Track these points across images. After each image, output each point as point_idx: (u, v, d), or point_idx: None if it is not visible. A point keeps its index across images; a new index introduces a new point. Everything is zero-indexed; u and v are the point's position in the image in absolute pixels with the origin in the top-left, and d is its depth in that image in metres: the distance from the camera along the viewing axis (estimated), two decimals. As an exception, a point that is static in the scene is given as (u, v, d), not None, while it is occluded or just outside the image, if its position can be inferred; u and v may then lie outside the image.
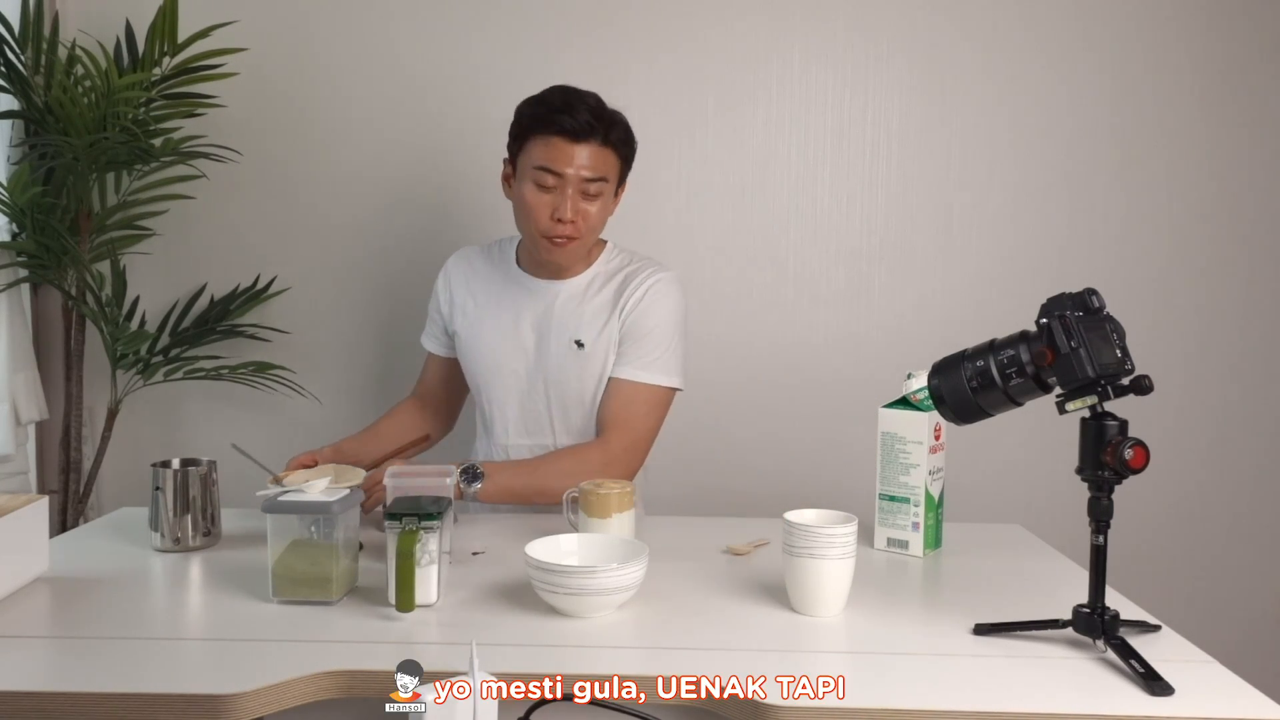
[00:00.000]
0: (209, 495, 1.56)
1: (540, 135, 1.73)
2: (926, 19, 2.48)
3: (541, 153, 1.72)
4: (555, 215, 1.72)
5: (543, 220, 1.74)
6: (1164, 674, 1.08)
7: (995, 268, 2.52)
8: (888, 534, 1.58)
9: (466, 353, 1.90)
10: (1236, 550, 2.59)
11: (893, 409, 1.57)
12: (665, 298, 1.83)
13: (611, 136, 1.74)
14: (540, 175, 1.72)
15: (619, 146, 1.77)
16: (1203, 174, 2.52)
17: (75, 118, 2.13)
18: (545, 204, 1.73)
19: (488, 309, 1.88)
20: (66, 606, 1.32)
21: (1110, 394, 1.14)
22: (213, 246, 2.50)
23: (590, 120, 1.71)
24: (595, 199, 1.75)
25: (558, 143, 1.71)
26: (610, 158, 1.75)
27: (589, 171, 1.72)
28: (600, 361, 1.82)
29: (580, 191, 1.73)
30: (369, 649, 1.17)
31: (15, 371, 2.29)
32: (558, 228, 1.73)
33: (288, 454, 1.81)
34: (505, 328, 1.86)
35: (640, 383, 1.80)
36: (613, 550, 1.35)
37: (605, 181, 1.75)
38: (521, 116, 1.78)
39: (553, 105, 1.73)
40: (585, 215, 1.74)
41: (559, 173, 1.71)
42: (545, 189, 1.72)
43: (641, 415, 1.80)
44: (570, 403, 1.84)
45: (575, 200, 1.73)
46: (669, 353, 1.82)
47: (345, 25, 2.47)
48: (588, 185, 1.73)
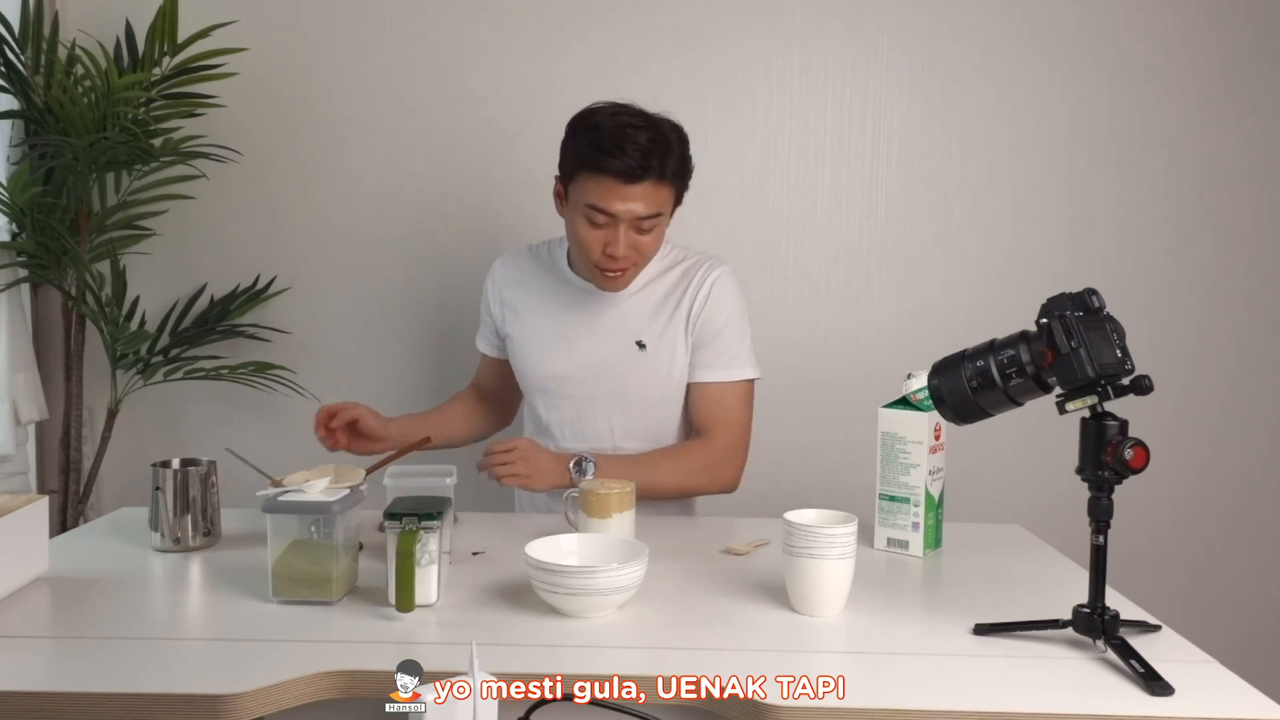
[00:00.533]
0: (209, 495, 1.56)
1: (590, 173, 1.68)
2: (926, 19, 2.48)
3: (592, 191, 1.68)
4: (608, 251, 1.71)
5: (595, 253, 1.72)
6: (1164, 674, 1.08)
7: (995, 268, 2.52)
8: (888, 534, 1.58)
9: (520, 357, 1.90)
10: (1236, 550, 2.59)
11: (893, 409, 1.57)
12: (729, 293, 1.83)
13: (666, 171, 1.68)
14: (591, 213, 1.69)
15: (673, 179, 1.71)
16: (1202, 174, 2.52)
17: (75, 118, 2.13)
18: (597, 239, 1.71)
19: (541, 312, 1.87)
20: (66, 606, 1.32)
21: (1110, 394, 1.14)
22: (213, 246, 2.50)
23: (642, 162, 1.65)
24: (649, 232, 1.72)
25: (608, 182, 1.66)
26: (664, 192, 1.70)
27: (642, 209, 1.68)
28: (665, 361, 1.82)
29: (634, 228, 1.70)
30: (369, 649, 1.17)
31: (15, 371, 2.29)
32: (610, 262, 1.72)
33: (287, 455, 1.81)
34: (561, 331, 1.85)
35: (727, 382, 1.82)
36: (613, 550, 1.35)
37: (659, 215, 1.71)
38: (571, 149, 1.73)
39: (603, 145, 1.66)
40: (639, 247, 1.72)
41: (610, 212, 1.68)
42: (597, 226, 1.70)
43: (736, 411, 1.83)
44: (630, 404, 1.84)
45: (628, 235, 1.70)
46: (742, 345, 1.84)
47: (345, 25, 2.47)
48: (640, 222, 1.69)
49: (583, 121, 1.73)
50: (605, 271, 1.74)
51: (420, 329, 2.54)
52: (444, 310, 2.53)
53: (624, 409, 1.84)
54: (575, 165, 1.71)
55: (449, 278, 2.52)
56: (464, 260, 2.51)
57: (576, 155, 1.71)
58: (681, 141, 1.73)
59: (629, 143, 1.64)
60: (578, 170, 1.70)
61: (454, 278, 2.52)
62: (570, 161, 1.73)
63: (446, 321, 2.53)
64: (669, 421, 1.87)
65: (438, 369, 2.53)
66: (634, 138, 1.65)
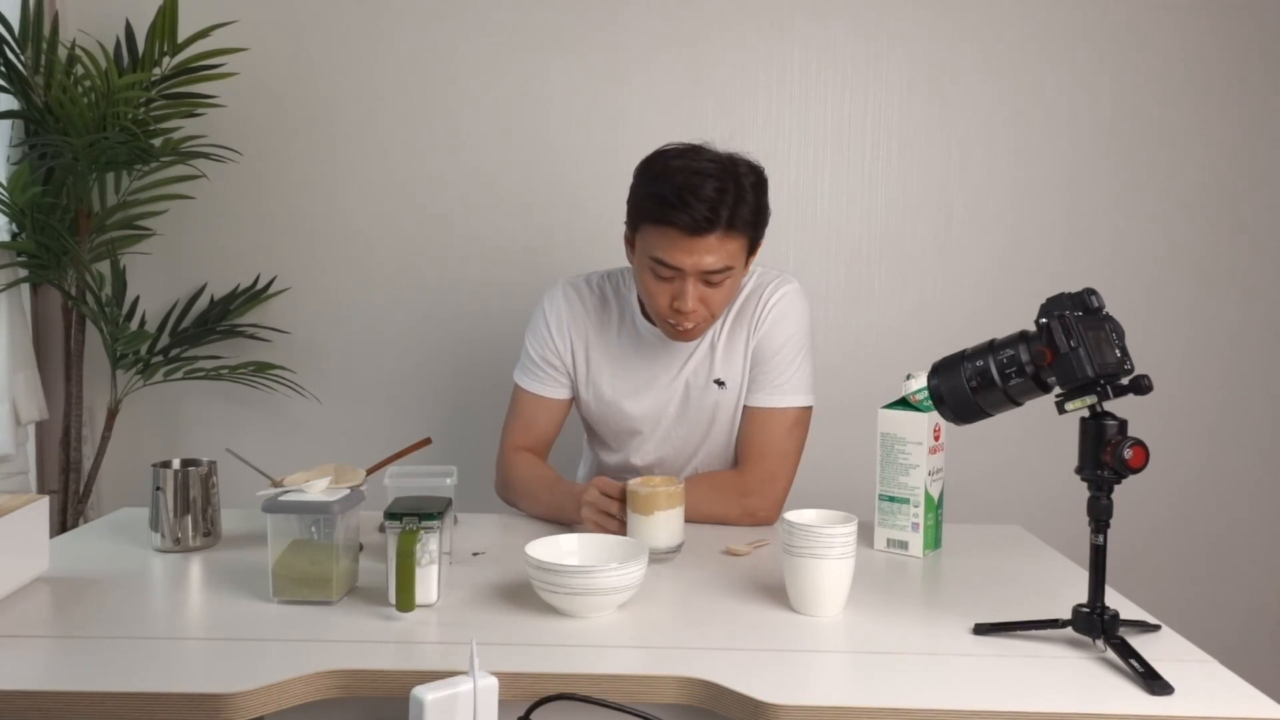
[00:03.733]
0: (209, 495, 1.56)
1: (655, 225, 1.59)
2: (927, 19, 2.48)
3: (657, 243, 1.59)
4: (675, 306, 1.62)
5: (663, 307, 1.64)
6: (1164, 674, 1.08)
7: (995, 268, 2.52)
8: (888, 534, 1.58)
9: (597, 403, 1.82)
10: (1236, 550, 2.59)
11: (893, 409, 1.57)
12: (789, 314, 1.76)
13: (737, 221, 1.58)
14: (657, 267, 1.60)
15: (745, 228, 1.60)
16: (1202, 173, 2.52)
17: (75, 118, 2.14)
18: (665, 292, 1.63)
19: (617, 359, 1.80)
20: (66, 606, 1.32)
21: (1110, 394, 1.14)
22: (213, 246, 2.50)
23: (709, 215, 1.54)
24: (719, 285, 1.62)
25: (675, 236, 1.57)
26: (735, 243, 1.60)
27: (711, 262, 1.58)
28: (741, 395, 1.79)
29: (703, 281, 1.60)
30: (369, 649, 1.17)
31: (15, 371, 2.29)
32: (679, 317, 1.64)
33: (287, 455, 1.81)
34: (639, 378, 1.79)
35: (773, 408, 1.75)
36: (613, 550, 1.35)
37: (730, 269, 1.61)
38: (636, 198, 1.64)
39: (666, 197, 1.56)
40: (709, 301, 1.63)
41: (676, 266, 1.59)
42: (664, 279, 1.61)
43: (778, 442, 1.75)
44: (715, 440, 1.82)
45: (697, 288, 1.61)
46: (798, 371, 1.76)
47: (345, 25, 2.47)
48: (710, 276, 1.60)
49: (649, 168, 1.64)
50: (676, 328, 1.66)
51: (420, 329, 2.54)
52: (444, 310, 2.53)
53: (709, 445, 1.82)
54: (639, 216, 1.63)
55: (448, 277, 2.52)
56: (464, 259, 2.51)
57: (640, 206, 1.63)
58: (756, 187, 1.61)
59: (695, 194, 1.54)
60: (641, 221, 1.63)
61: (454, 277, 2.52)
62: (635, 211, 1.65)
63: (446, 321, 2.53)
64: None
65: (438, 368, 2.53)
66: (701, 188, 1.55)
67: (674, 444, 1.85)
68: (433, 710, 0.93)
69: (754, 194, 1.61)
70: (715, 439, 1.84)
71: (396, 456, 1.68)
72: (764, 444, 1.75)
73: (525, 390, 1.84)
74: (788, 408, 1.77)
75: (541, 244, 2.51)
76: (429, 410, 2.52)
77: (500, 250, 2.51)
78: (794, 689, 1.07)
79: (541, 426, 1.85)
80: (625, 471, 1.85)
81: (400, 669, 1.10)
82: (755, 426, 1.77)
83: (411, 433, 1.76)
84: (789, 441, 1.77)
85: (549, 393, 1.83)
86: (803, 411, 1.79)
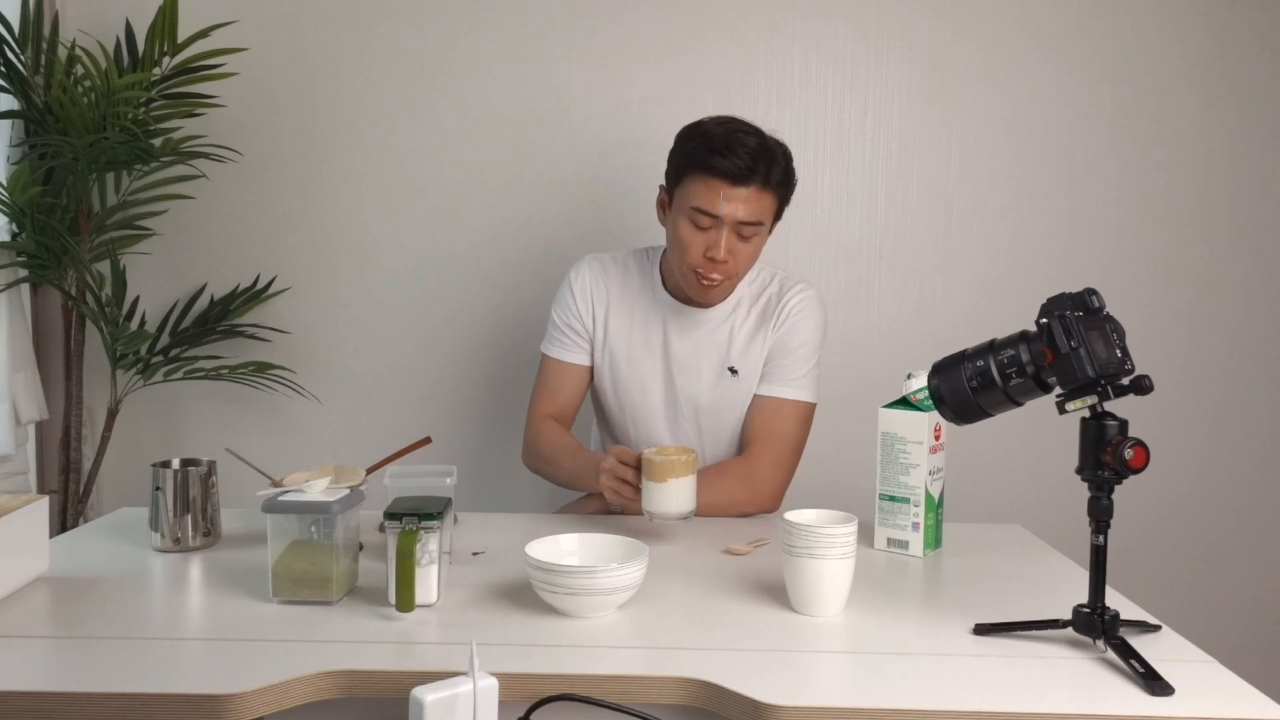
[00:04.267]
0: (209, 495, 1.56)
1: (698, 174, 1.71)
2: (927, 19, 2.48)
3: (699, 192, 1.71)
4: (709, 254, 1.72)
5: (696, 256, 1.74)
6: (1164, 674, 1.08)
7: (995, 268, 2.52)
8: (888, 534, 1.58)
9: (611, 372, 1.89)
10: (1236, 550, 2.59)
11: (893, 409, 1.57)
12: (811, 315, 1.86)
13: (771, 178, 1.71)
14: (696, 215, 1.71)
15: (778, 188, 1.74)
16: (1202, 174, 2.52)
17: (75, 118, 2.14)
18: (700, 242, 1.73)
19: (635, 329, 1.88)
20: (66, 606, 1.32)
21: (1110, 394, 1.14)
22: (213, 246, 2.50)
23: (750, 165, 1.68)
24: (749, 240, 1.74)
25: (715, 184, 1.69)
26: (768, 200, 1.73)
27: (745, 215, 1.70)
28: (753, 386, 1.85)
29: (735, 233, 1.72)
30: (369, 649, 1.17)
31: (15, 371, 2.29)
32: (710, 265, 1.73)
33: (287, 455, 1.81)
34: (654, 351, 1.87)
35: (786, 399, 1.83)
36: (613, 550, 1.35)
37: (761, 224, 1.73)
38: (681, 151, 1.76)
39: (713, 145, 1.70)
40: (737, 255, 1.74)
41: (714, 214, 1.70)
42: (700, 229, 1.72)
43: (790, 431, 1.83)
44: (723, 428, 1.87)
45: (730, 240, 1.72)
46: (811, 369, 1.86)
47: (345, 25, 2.47)
48: (742, 228, 1.72)
49: (693, 129, 1.77)
50: (702, 279, 1.75)
51: (420, 329, 2.54)
52: (444, 309, 2.53)
53: (716, 433, 1.87)
54: (683, 167, 1.74)
55: (449, 277, 2.52)
56: (464, 259, 2.51)
57: (685, 157, 1.74)
58: (787, 157, 1.75)
59: (739, 145, 1.68)
60: (686, 172, 1.73)
61: (454, 277, 2.52)
62: (678, 164, 1.76)
63: (446, 321, 2.53)
64: None
65: (438, 368, 2.53)
66: (744, 141, 1.69)
67: (685, 426, 1.88)
68: (433, 711, 0.93)
69: (785, 161, 1.75)
70: (724, 430, 1.87)
71: (396, 456, 1.68)
72: (774, 430, 1.82)
73: (550, 357, 1.93)
74: (800, 400, 1.84)
75: (542, 244, 2.51)
76: (429, 410, 2.52)
77: (500, 250, 2.51)
78: (794, 689, 1.07)
79: (566, 393, 1.92)
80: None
81: (400, 669, 1.10)
82: (767, 414, 1.83)
83: (411, 433, 1.76)
84: (797, 432, 1.84)
85: (572, 358, 1.91)
86: (810, 408, 1.87)
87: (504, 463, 2.53)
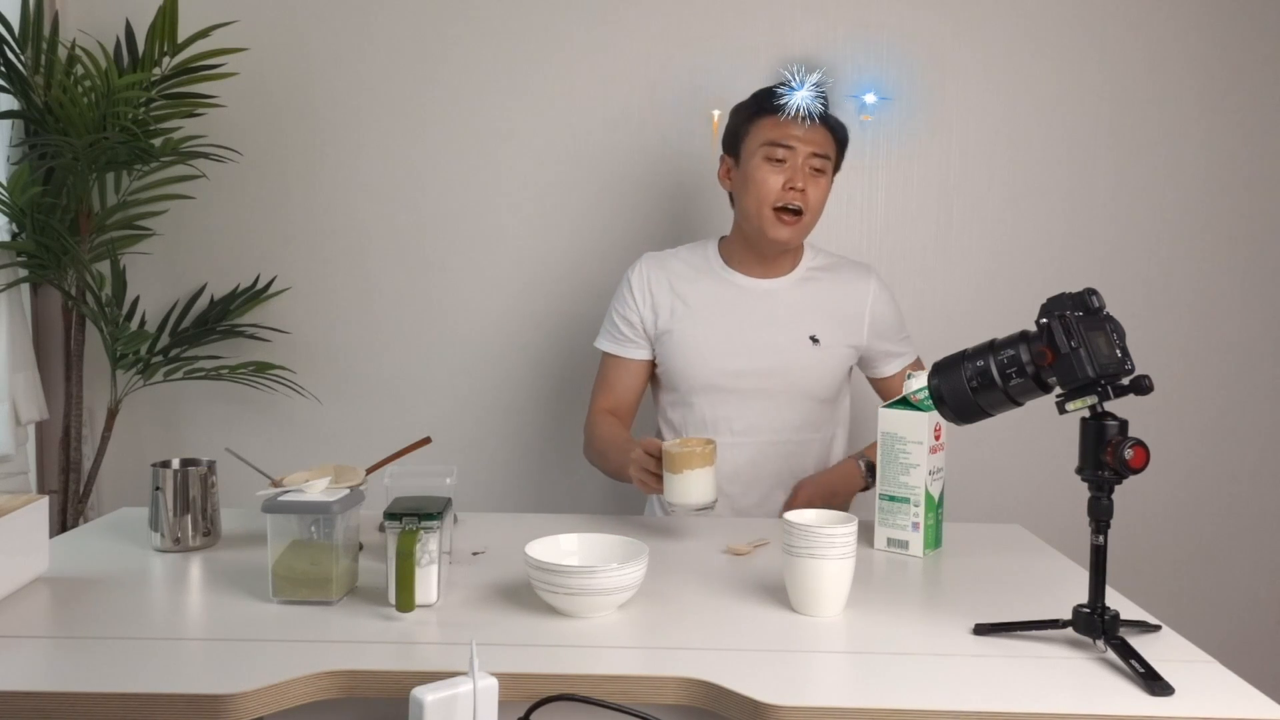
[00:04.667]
0: (209, 495, 1.56)
1: (767, 116, 1.84)
2: (927, 19, 2.48)
3: (769, 128, 1.83)
4: (789, 184, 1.81)
5: (774, 191, 1.82)
6: (1164, 674, 1.08)
7: (995, 268, 2.52)
8: (888, 534, 1.58)
9: (686, 354, 1.90)
10: (1236, 550, 2.58)
11: (893, 409, 1.57)
12: (886, 289, 1.99)
13: (831, 121, 1.87)
14: (771, 149, 1.82)
15: (837, 130, 1.88)
16: (1202, 174, 2.52)
17: (75, 118, 2.14)
18: (778, 174, 1.82)
19: (703, 310, 1.91)
20: (66, 606, 1.32)
21: (1110, 394, 1.14)
22: (213, 246, 2.50)
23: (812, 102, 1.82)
24: (820, 177, 1.85)
25: (785, 122, 1.82)
26: (831, 141, 1.86)
27: (816, 148, 1.82)
28: (837, 358, 1.90)
29: (809, 166, 1.82)
30: (369, 649, 1.17)
31: (15, 371, 2.29)
32: (790, 195, 1.81)
33: (287, 455, 1.81)
34: (731, 326, 1.89)
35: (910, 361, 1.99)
36: (613, 550, 1.35)
37: (828, 160, 1.85)
38: (741, 109, 1.90)
39: (775, 90, 1.85)
40: (813, 188, 1.83)
41: (790, 145, 1.82)
42: (776, 161, 1.82)
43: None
44: (800, 398, 1.89)
45: (805, 172, 1.82)
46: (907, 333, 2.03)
47: (345, 25, 2.47)
48: (814, 160, 1.83)
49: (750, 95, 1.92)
50: (783, 215, 1.82)
51: (420, 328, 2.53)
52: (444, 309, 2.53)
53: (793, 403, 1.89)
54: (749, 115, 1.87)
55: (449, 277, 2.52)
56: (464, 259, 2.51)
57: (749, 106, 1.89)
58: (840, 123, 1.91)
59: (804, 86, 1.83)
60: (752, 119, 1.86)
61: (454, 277, 2.52)
62: (741, 117, 1.89)
63: (446, 321, 2.53)
64: (829, 415, 1.94)
65: (437, 368, 2.53)
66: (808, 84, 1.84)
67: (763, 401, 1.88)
68: (433, 711, 0.93)
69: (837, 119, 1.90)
70: (802, 402, 1.89)
71: (396, 456, 1.68)
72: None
73: (605, 353, 1.99)
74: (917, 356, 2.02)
75: (542, 244, 2.51)
76: (429, 410, 2.51)
77: (500, 250, 2.51)
78: (794, 689, 1.07)
79: (621, 388, 1.97)
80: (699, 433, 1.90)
81: (400, 669, 1.10)
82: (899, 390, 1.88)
83: (411, 433, 1.76)
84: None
85: (626, 353, 1.96)
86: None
87: (504, 463, 2.53)
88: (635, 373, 1.97)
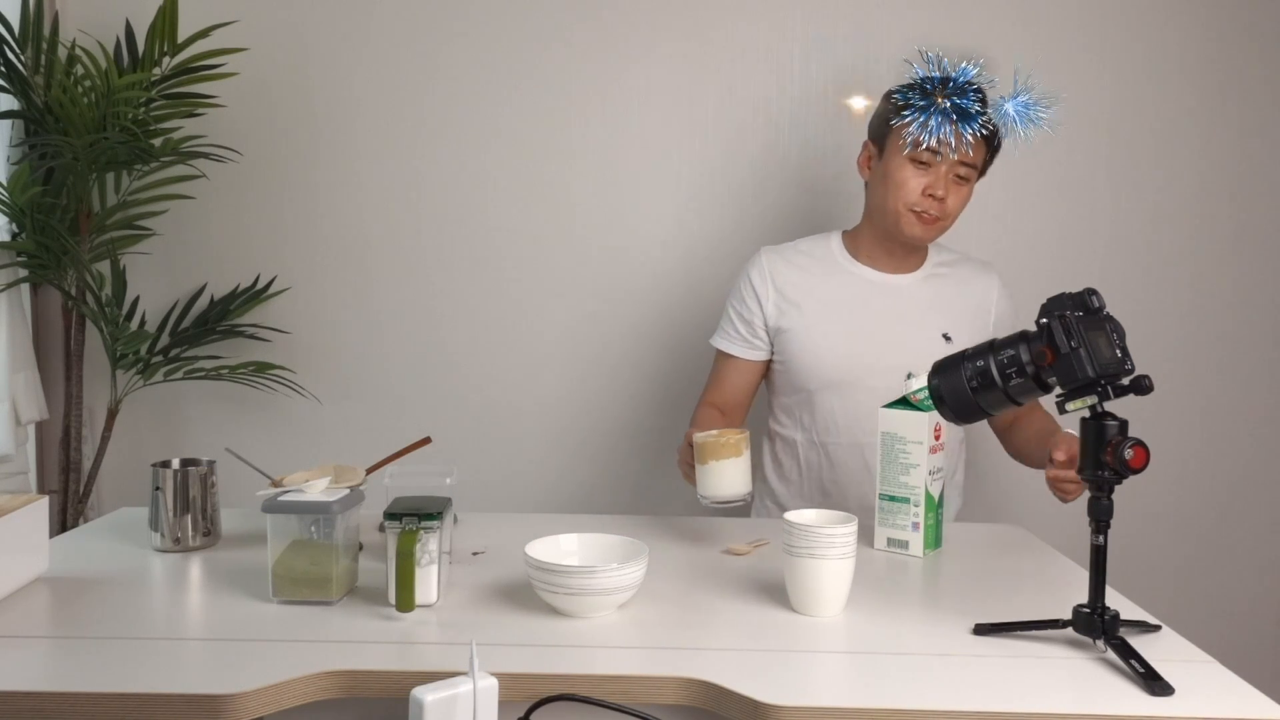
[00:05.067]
0: (209, 495, 1.56)
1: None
2: (927, 19, 2.47)
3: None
4: (929, 191, 1.77)
5: (914, 194, 1.78)
6: (1164, 674, 1.08)
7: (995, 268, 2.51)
8: (888, 534, 1.58)
9: (811, 349, 1.86)
10: (1236, 550, 2.58)
11: (893, 409, 1.57)
12: (1008, 287, 1.97)
13: (987, 129, 1.79)
14: (919, 152, 1.76)
15: (988, 141, 1.81)
16: (1202, 173, 2.51)
17: (75, 118, 2.13)
18: (920, 179, 1.78)
19: (833, 303, 1.87)
20: (66, 606, 1.32)
21: (1110, 394, 1.14)
22: (213, 246, 2.50)
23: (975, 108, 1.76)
24: (964, 184, 1.80)
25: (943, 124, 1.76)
26: (983, 150, 1.81)
27: (967, 154, 1.77)
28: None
29: (954, 173, 1.78)
30: (369, 649, 1.17)
31: (15, 371, 2.29)
32: (929, 203, 1.77)
33: (287, 455, 1.81)
34: (860, 321, 1.85)
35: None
36: (613, 550, 1.35)
37: (974, 169, 1.80)
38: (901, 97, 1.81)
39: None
40: (955, 196, 1.79)
41: (938, 151, 1.76)
42: (921, 164, 1.77)
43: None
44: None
45: (948, 179, 1.77)
46: None
47: (345, 25, 2.47)
48: (960, 168, 1.78)
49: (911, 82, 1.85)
50: (920, 214, 1.78)
51: (420, 328, 2.53)
52: (443, 309, 2.52)
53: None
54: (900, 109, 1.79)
55: (449, 277, 2.52)
56: (464, 259, 2.51)
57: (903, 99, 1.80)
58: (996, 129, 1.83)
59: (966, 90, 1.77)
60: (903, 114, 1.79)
61: (454, 277, 2.52)
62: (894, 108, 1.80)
63: (446, 321, 2.53)
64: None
65: (437, 368, 2.53)
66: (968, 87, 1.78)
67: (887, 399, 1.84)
68: (433, 711, 0.93)
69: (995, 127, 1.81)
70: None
71: (396, 456, 1.68)
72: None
73: (718, 350, 1.95)
74: None
75: (541, 244, 2.51)
76: (429, 410, 2.51)
77: (500, 250, 2.51)
78: (794, 689, 1.07)
79: (729, 386, 1.93)
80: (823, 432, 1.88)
81: (400, 669, 1.10)
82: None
83: (411, 433, 1.76)
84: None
85: (737, 351, 1.92)
86: None
87: (504, 463, 2.53)
88: (746, 371, 1.93)
